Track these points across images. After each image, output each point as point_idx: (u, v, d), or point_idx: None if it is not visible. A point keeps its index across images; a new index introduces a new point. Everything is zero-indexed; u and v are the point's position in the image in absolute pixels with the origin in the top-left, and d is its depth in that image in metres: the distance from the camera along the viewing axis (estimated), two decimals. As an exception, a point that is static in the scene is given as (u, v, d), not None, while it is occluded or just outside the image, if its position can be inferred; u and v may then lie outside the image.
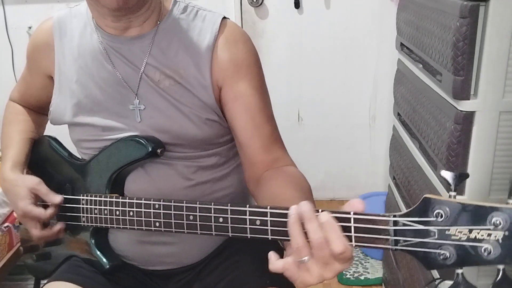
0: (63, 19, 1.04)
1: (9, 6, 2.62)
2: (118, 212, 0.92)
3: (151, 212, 0.87)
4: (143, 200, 0.88)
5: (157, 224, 0.87)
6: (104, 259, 1.00)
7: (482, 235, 0.58)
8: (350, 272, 2.18)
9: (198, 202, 0.81)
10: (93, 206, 0.96)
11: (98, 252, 1.01)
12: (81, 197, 0.98)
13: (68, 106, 1.01)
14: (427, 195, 0.62)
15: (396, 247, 0.64)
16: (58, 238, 1.06)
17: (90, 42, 1.00)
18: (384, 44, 2.50)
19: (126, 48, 0.97)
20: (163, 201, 0.85)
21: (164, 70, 0.96)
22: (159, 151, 0.94)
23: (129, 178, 0.99)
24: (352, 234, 0.66)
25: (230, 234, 0.78)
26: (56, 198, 0.99)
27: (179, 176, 0.99)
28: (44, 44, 1.04)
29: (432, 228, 0.61)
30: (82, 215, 0.98)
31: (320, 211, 0.67)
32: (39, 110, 1.16)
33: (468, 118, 1.09)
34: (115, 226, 0.93)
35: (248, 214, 0.75)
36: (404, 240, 0.63)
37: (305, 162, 2.72)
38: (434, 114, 1.23)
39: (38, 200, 1.02)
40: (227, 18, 1.00)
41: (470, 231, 0.59)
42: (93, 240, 1.01)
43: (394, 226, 0.64)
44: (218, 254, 1.07)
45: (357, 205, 0.67)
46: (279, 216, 0.72)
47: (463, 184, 1.13)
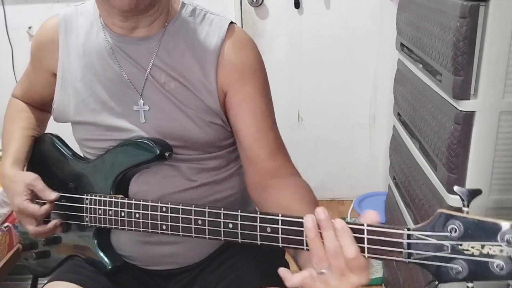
0: (69, 16, 1.03)
1: (9, 6, 2.61)
2: (123, 214, 0.91)
3: (158, 214, 0.86)
4: (150, 203, 0.87)
5: (164, 227, 0.86)
6: (107, 260, 1.00)
7: (494, 251, 0.60)
8: (350, 272, 2.17)
9: (207, 207, 0.80)
10: (97, 206, 0.96)
11: (101, 253, 1.00)
12: (85, 196, 0.98)
13: (72, 104, 1.01)
14: (441, 210, 0.63)
15: (410, 260, 0.65)
16: (58, 236, 1.05)
17: (96, 40, 0.99)
18: (384, 44, 2.50)
19: (132, 49, 0.97)
20: (170, 204, 0.84)
21: (170, 72, 0.96)
22: (167, 154, 0.94)
23: (132, 178, 0.99)
24: (365, 245, 0.67)
25: (240, 240, 0.78)
26: (51, 195, 0.99)
27: (182, 177, 0.99)
28: (48, 41, 1.04)
29: (445, 243, 0.62)
30: (85, 214, 0.98)
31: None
32: (41, 107, 1.16)
33: (468, 118, 1.09)
34: (120, 227, 0.92)
35: (258, 221, 0.75)
36: (417, 254, 0.64)
37: (305, 162, 2.75)
38: (434, 114, 1.23)
39: (37, 197, 1.01)
40: (234, 23, 1.00)
41: (483, 246, 0.60)
42: (95, 241, 1.00)
43: (408, 239, 0.65)
44: (219, 254, 1.07)
45: (372, 216, 0.68)
46: (291, 224, 0.73)
47: (463, 184, 1.13)
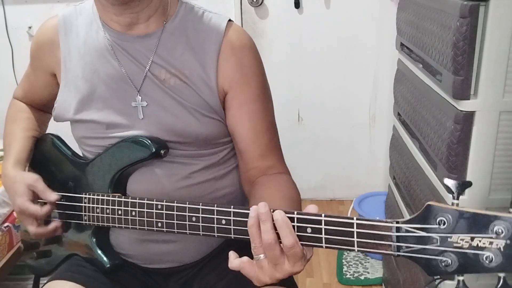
0: (68, 16, 1.04)
1: (9, 6, 2.61)
2: (120, 212, 0.92)
3: (153, 212, 0.87)
4: (145, 200, 0.88)
5: (159, 224, 0.87)
6: (105, 258, 1.00)
7: (484, 243, 0.59)
8: (350, 272, 2.18)
9: (201, 204, 0.81)
10: (95, 205, 0.96)
11: (99, 252, 1.01)
12: (83, 195, 0.99)
13: (73, 102, 1.01)
14: (430, 202, 0.63)
15: (399, 253, 0.65)
16: (58, 236, 1.06)
17: (96, 39, 1.00)
18: (384, 44, 2.50)
19: (131, 46, 0.98)
20: (165, 201, 0.85)
21: (170, 70, 0.97)
22: (162, 152, 0.94)
23: (130, 176, 0.99)
24: (355, 239, 0.67)
25: (233, 236, 0.79)
26: (51, 196, 0.99)
27: (181, 174, 0.99)
28: (48, 41, 1.04)
29: (434, 235, 0.62)
30: (84, 213, 0.99)
31: (271, 210, 0.72)
32: (42, 108, 1.17)
33: (468, 118, 1.09)
34: (117, 225, 0.93)
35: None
36: (407, 247, 0.64)
37: (305, 162, 2.75)
38: (434, 114, 1.23)
39: (38, 198, 1.02)
40: (232, 21, 1.01)
41: (472, 239, 0.60)
42: (94, 239, 1.01)
43: (397, 232, 0.64)
44: (218, 253, 1.07)
45: (313, 209, 0.72)
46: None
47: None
